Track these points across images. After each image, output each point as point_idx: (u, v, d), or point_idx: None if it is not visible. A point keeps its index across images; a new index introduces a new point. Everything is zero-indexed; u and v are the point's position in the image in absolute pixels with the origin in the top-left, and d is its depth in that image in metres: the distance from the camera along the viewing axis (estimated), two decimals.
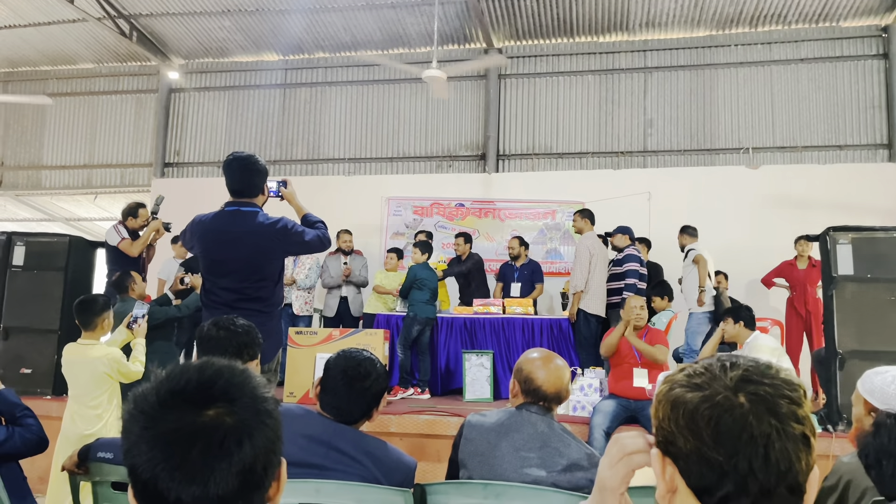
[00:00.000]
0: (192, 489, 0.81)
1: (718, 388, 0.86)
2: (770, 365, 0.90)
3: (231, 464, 0.83)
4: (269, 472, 0.89)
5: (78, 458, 2.11)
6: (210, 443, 0.82)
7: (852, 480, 2.03)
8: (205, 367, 0.90)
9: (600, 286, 6.39)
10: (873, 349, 4.66)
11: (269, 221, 3.22)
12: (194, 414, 0.84)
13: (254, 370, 2.34)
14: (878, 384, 2.15)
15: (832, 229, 4.98)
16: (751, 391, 0.85)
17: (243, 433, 0.85)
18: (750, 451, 0.82)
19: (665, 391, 0.91)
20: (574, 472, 2.09)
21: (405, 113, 10.10)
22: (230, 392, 0.87)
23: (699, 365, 0.92)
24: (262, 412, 0.89)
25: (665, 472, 0.90)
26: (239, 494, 0.84)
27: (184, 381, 0.87)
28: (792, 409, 0.85)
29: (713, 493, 0.84)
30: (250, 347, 2.40)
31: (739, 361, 0.90)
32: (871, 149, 8.77)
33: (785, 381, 0.87)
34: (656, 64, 9.45)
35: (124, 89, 11.19)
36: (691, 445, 0.85)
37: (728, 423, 0.83)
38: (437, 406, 5.56)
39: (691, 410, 0.86)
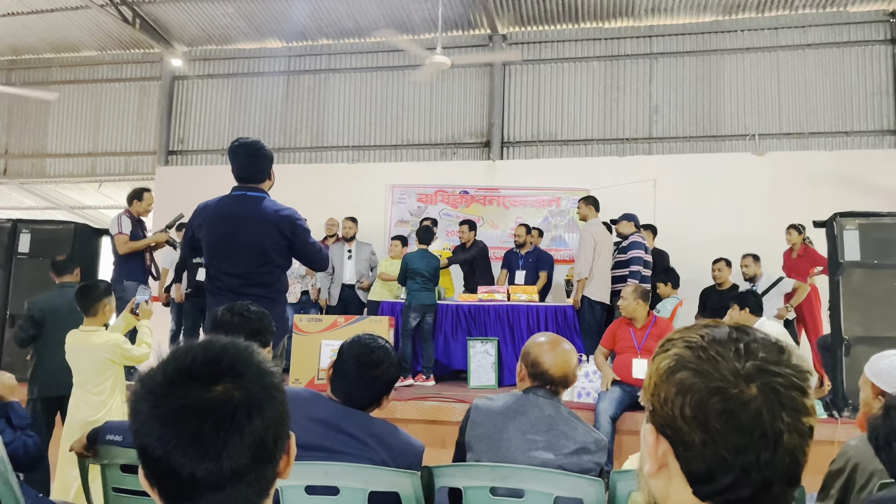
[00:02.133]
0: (206, 464, 0.82)
1: (731, 378, 0.80)
2: (782, 348, 0.85)
3: (243, 437, 0.83)
4: (280, 444, 0.90)
5: (87, 440, 2.12)
6: (221, 417, 0.83)
7: (859, 464, 2.03)
8: (209, 345, 0.90)
9: (605, 273, 6.38)
10: (879, 335, 4.65)
11: (276, 207, 3.22)
12: (203, 390, 0.84)
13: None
14: (885, 367, 2.16)
15: (839, 215, 4.96)
16: (765, 382, 0.80)
17: (252, 406, 0.85)
18: (760, 447, 0.79)
19: (667, 368, 0.85)
20: (581, 456, 2.10)
21: (409, 100, 10.07)
22: (236, 367, 0.88)
23: (707, 339, 0.85)
24: (270, 385, 0.89)
25: (658, 449, 0.86)
26: (252, 467, 0.85)
27: (190, 359, 0.87)
28: (802, 402, 0.81)
29: (711, 482, 0.81)
30: (263, 334, 2.41)
31: (753, 346, 0.84)
32: (878, 135, 8.71)
33: (797, 370, 0.83)
34: (661, 50, 9.39)
35: (128, 77, 11.17)
36: (697, 436, 0.81)
37: (741, 419, 0.79)
38: (441, 392, 5.58)
39: (700, 400, 0.80)
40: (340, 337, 5.60)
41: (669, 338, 0.90)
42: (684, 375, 0.83)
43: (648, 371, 0.90)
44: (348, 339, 2.15)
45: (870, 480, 1.98)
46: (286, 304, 3.48)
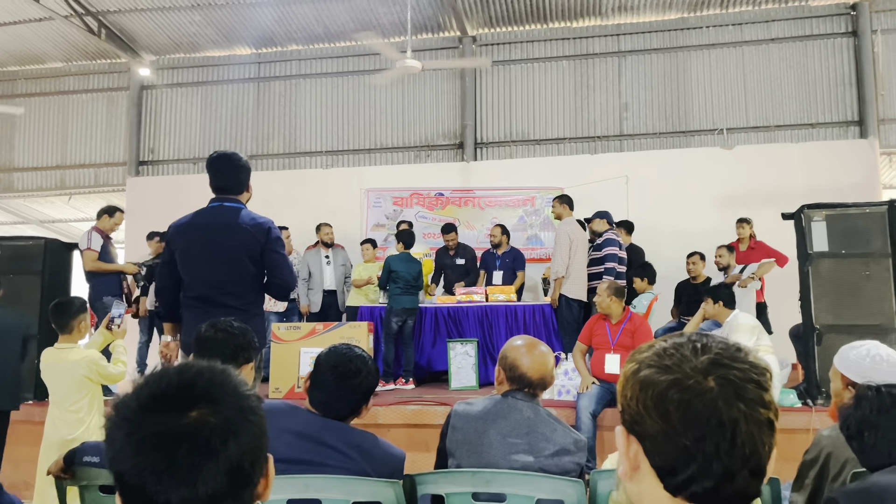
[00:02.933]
0: (181, 491, 0.82)
1: (688, 371, 0.85)
2: (739, 347, 0.90)
3: (218, 462, 0.83)
4: (257, 468, 0.89)
5: (64, 462, 2.09)
6: (196, 443, 0.82)
7: (832, 453, 2.07)
8: (184, 370, 0.90)
9: (581, 271, 6.43)
10: (849, 323, 4.75)
11: (253, 218, 3.20)
12: (177, 416, 0.84)
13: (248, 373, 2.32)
14: (853, 358, 2.21)
15: (806, 207, 5.05)
16: (720, 375, 0.85)
17: (228, 432, 0.85)
18: (717, 435, 0.82)
19: (633, 370, 0.91)
20: (561, 457, 2.12)
21: (381, 103, 10.06)
22: (212, 392, 0.87)
23: (669, 343, 0.91)
24: (246, 409, 0.89)
25: (629, 450, 0.90)
26: (228, 492, 0.85)
27: (164, 385, 0.87)
28: (759, 394, 0.85)
29: (677, 474, 0.85)
30: (246, 350, 2.40)
31: (710, 343, 0.89)
32: (842, 126, 8.89)
33: (753, 365, 0.87)
34: (630, 48, 9.49)
35: (95, 88, 11.02)
36: (659, 427, 0.85)
37: (697, 408, 0.83)
38: (423, 396, 5.58)
39: (660, 393, 0.85)
40: (319, 344, 5.59)
41: (640, 347, 0.95)
42: (647, 373, 0.88)
43: (622, 377, 0.94)
44: (324, 349, 2.14)
45: (843, 469, 2.02)
46: (263, 315, 3.46)
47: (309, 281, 7.60)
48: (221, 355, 2.26)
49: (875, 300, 4.80)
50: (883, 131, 8.77)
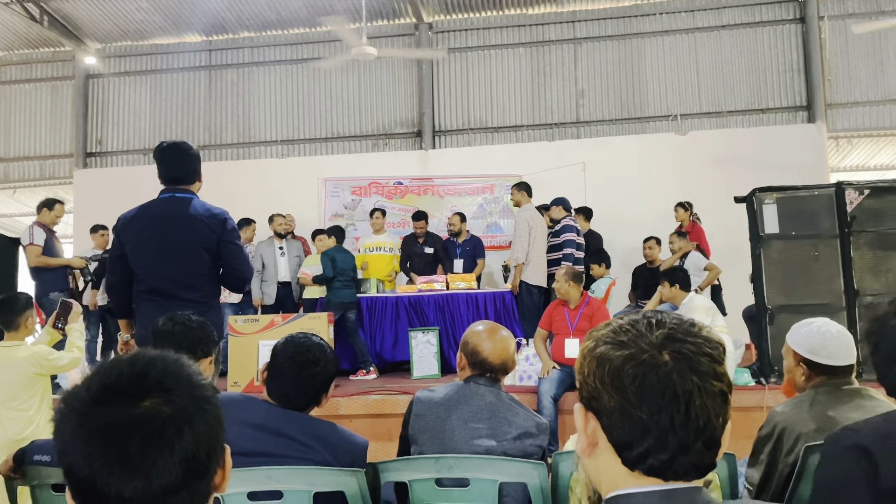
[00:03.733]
0: (135, 483, 0.79)
1: (643, 346, 0.87)
2: (693, 323, 0.91)
3: (173, 453, 0.80)
4: (214, 458, 0.87)
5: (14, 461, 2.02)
6: (149, 434, 0.80)
7: (786, 428, 2.12)
8: (136, 360, 0.87)
9: (541, 257, 6.47)
10: (800, 302, 4.88)
11: (206, 207, 3.13)
12: (129, 406, 0.81)
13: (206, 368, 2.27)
14: (804, 335, 2.26)
15: (758, 190, 5.16)
16: (675, 349, 0.86)
17: (182, 421, 0.82)
18: (672, 408, 0.84)
19: (590, 348, 0.92)
20: (524, 440, 2.13)
21: (338, 92, 9.93)
22: (165, 381, 0.84)
23: (625, 321, 0.92)
24: (200, 399, 0.86)
25: (587, 427, 0.91)
26: (183, 484, 0.82)
27: (115, 375, 0.84)
28: (712, 367, 0.87)
29: (633, 448, 0.86)
30: (205, 344, 2.35)
31: (664, 319, 0.91)
32: (791, 111, 9.11)
33: (706, 339, 0.89)
34: (585, 35, 9.55)
35: (38, 77, 10.62)
36: (615, 402, 0.86)
37: (652, 382, 0.85)
38: (385, 385, 5.56)
39: (616, 368, 0.87)
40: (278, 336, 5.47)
41: (597, 326, 0.96)
42: (603, 349, 0.90)
43: (579, 356, 0.95)
44: (281, 339, 2.11)
45: (796, 444, 2.07)
46: (220, 308, 3.38)
47: (263, 272, 7.46)
48: (179, 349, 2.21)
49: (824, 280, 4.95)
50: (830, 116, 9.03)
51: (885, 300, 1.79)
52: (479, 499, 1.92)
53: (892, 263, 4.89)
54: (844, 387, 2.18)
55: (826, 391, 2.16)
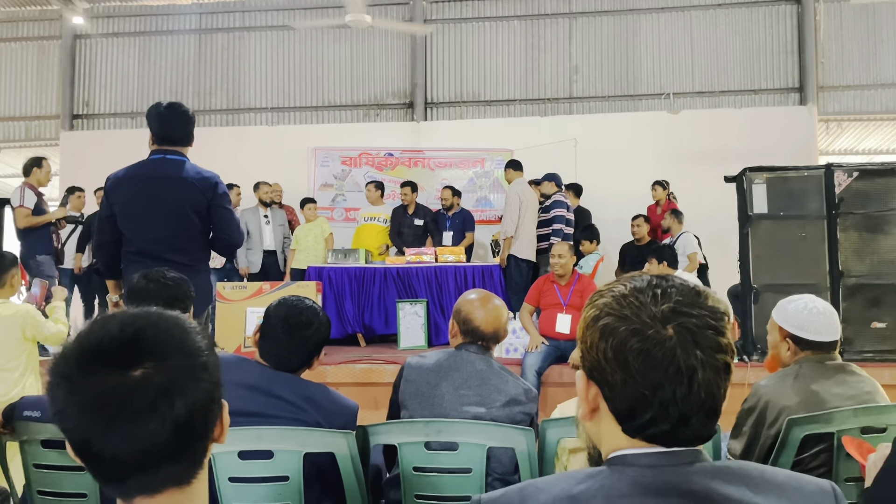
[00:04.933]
0: (127, 447, 0.79)
1: (647, 321, 0.87)
2: (699, 291, 0.91)
3: (164, 421, 0.79)
4: (210, 420, 0.87)
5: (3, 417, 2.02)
6: (139, 405, 0.79)
7: (770, 401, 2.16)
8: (126, 323, 0.84)
9: (530, 232, 6.49)
10: (785, 282, 4.92)
11: (197, 170, 3.10)
12: (118, 376, 0.79)
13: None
14: (791, 311, 2.29)
15: (748, 170, 5.18)
16: (679, 323, 0.86)
17: (174, 391, 0.81)
18: (675, 382, 0.85)
19: (593, 316, 0.91)
20: (512, 407, 2.15)
21: (330, 60, 9.81)
22: (157, 349, 0.82)
23: (629, 290, 0.91)
24: (196, 367, 0.84)
25: (588, 393, 0.92)
26: (179, 447, 0.82)
27: (106, 341, 0.81)
28: (716, 340, 0.87)
29: (634, 418, 0.87)
30: (181, 301, 2.34)
31: (669, 290, 0.90)
32: (783, 92, 9.12)
33: (711, 311, 0.89)
34: (581, 9, 9.47)
35: (24, 36, 10.40)
36: (618, 376, 0.87)
37: (656, 357, 0.85)
38: (372, 355, 5.59)
39: (620, 342, 0.87)
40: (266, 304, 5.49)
41: (599, 291, 0.96)
42: (607, 321, 0.89)
43: (581, 322, 0.95)
44: (274, 301, 2.11)
45: (779, 417, 2.11)
46: (209, 272, 3.37)
47: (247, 240, 7.41)
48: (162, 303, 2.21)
49: (810, 260, 4.99)
50: (822, 99, 9.05)
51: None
52: (468, 462, 1.95)
53: (877, 245, 4.94)
54: (828, 362, 2.21)
55: (810, 366, 2.20)
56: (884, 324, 4.82)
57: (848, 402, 2.10)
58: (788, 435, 2.04)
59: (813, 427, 2.05)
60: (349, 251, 6.99)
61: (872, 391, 2.19)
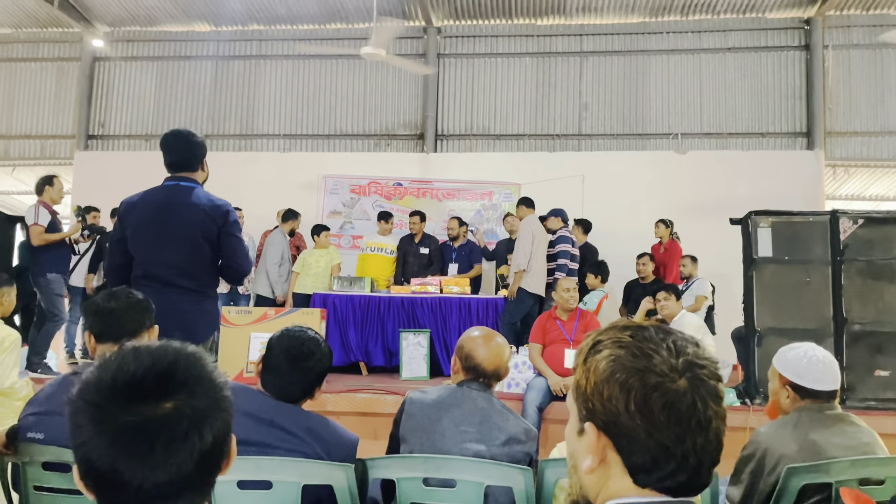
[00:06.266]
0: (157, 475, 0.82)
1: (667, 372, 0.88)
2: (697, 343, 0.94)
3: (193, 451, 0.84)
4: (226, 451, 0.91)
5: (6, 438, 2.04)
6: (173, 435, 0.83)
7: (769, 449, 2.16)
8: (160, 357, 0.88)
9: (541, 267, 6.50)
10: (789, 326, 4.92)
11: (209, 197, 3.14)
12: (154, 407, 0.83)
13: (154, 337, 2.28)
14: (791, 359, 2.30)
15: (753, 213, 5.21)
16: (695, 375, 0.89)
17: (204, 422, 0.85)
18: (696, 433, 0.87)
19: (608, 370, 0.90)
20: (512, 446, 2.16)
21: (343, 89, 9.96)
22: (189, 382, 0.87)
23: (639, 339, 0.92)
24: (221, 399, 0.89)
25: (598, 445, 0.91)
26: (200, 477, 0.86)
27: (140, 373, 0.85)
28: (720, 389, 0.91)
29: (653, 471, 0.88)
30: (150, 314, 2.33)
31: (680, 344, 0.92)
32: (790, 137, 9.19)
33: (712, 362, 0.92)
34: (591, 48, 9.61)
35: (45, 57, 10.61)
36: (641, 429, 0.87)
37: (680, 410, 0.87)
38: (373, 384, 5.58)
39: (644, 396, 0.87)
40: (270, 329, 5.51)
41: (597, 339, 0.96)
42: (625, 374, 0.90)
43: (582, 373, 0.95)
44: (276, 332, 2.13)
45: (777, 465, 2.11)
46: (216, 298, 3.40)
47: (284, 267, 7.44)
48: (129, 323, 2.24)
49: (814, 305, 4.99)
50: (829, 144, 9.11)
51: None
52: (465, 500, 1.95)
53: (882, 293, 4.94)
54: (828, 411, 2.22)
55: (809, 415, 2.20)
56: (887, 372, 4.81)
57: (847, 453, 2.10)
58: (787, 484, 2.04)
59: (811, 476, 2.04)
60: (354, 279, 7.02)
61: (871, 442, 2.19)
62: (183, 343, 0.93)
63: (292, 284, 7.42)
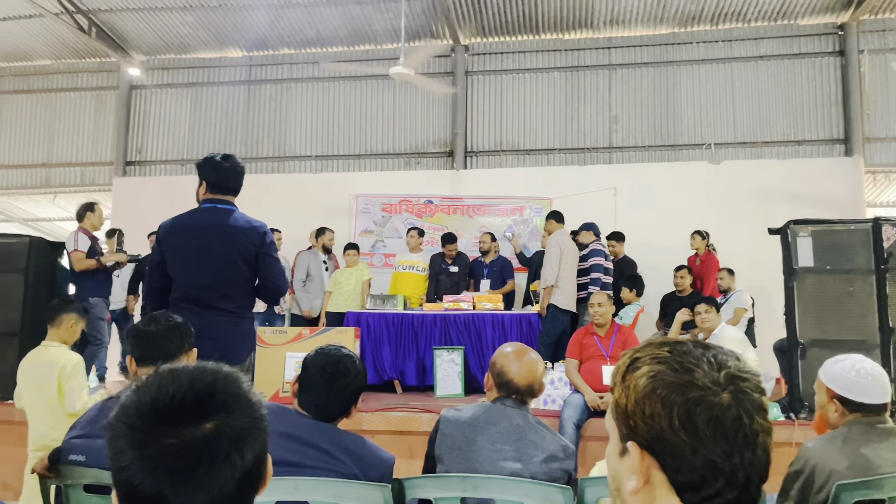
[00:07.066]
0: (199, 497, 0.82)
1: (710, 386, 0.86)
2: (738, 356, 0.92)
3: (234, 472, 0.84)
4: (263, 470, 0.91)
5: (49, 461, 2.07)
6: (216, 456, 0.83)
7: (818, 465, 2.09)
8: (198, 378, 0.88)
9: (570, 282, 6.46)
10: (833, 338, 4.79)
11: (248, 221, 3.19)
12: (194, 428, 0.83)
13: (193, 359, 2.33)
14: (838, 371, 2.23)
15: (792, 223, 5.10)
16: (737, 388, 0.87)
17: (244, 442, 0.86)
18: (743, 447, 0.85)
19: (649, 386, 0.88)
20: (550, 464, 2.12)
21: (372, 109, 10.06)
22: (228, 402, 0.87)
23: (678, 354, 0.90)
24: (259, 418, 0.90)
25: (642, 465, 0.89)
26: (241, 494, 0.87)
27: (180, 394, 0.85)
28: (765, 402, 0.88)
29: (702, 489, 0.86)
30: (189, 336, 2.40)
31: (721, 357, 0.90)
32: (828, 144, 9.00)
33: (754, 374, 0.89)
34: (621, 61, 9.57)
35: (83, 86, 10.93)
36: (687, 446, 0.85)
37: (726, 424, 0.85)
38: (408, 402, 5.57)
39: (687, 411, 0.85)
40: (305, 349, 5.54)
41: (634, 356, 0.94)
42: (666, 390, 0.87)
43: (622, 391, 0.92)
44: (311, 351, 2.14)
45: (828, 481, 2.04)
46: (253, 318, 3.44)
47: (309, 284, 7.51)
48: (167, 347, 2.30)
49: (858, 316, 4.86)
50: (868, 150, 8.89)
51: None
52: None
53: None
54: (878, 425, 2.15)
55: (859, 429, 2.13)
56: None
57: None
58: (837, 501, 1.97)
59: (863, 493, 1.97)
60: (387, 297, 7.04)
61: None
62: (218, 364, 0.93)
63: (325, 303, 7.46)
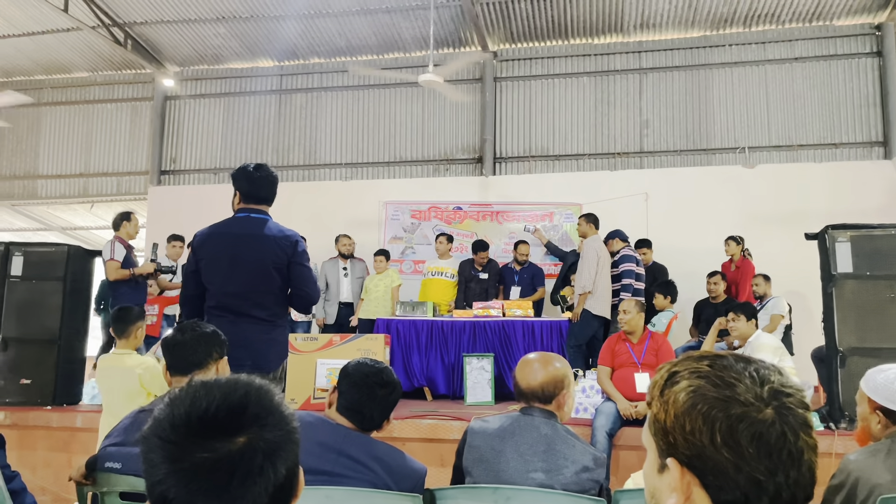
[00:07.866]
0: None
1: (753, 401, 0.84)
2: (780, 370, 0.89)
3: (267, 485, 0.84)
4: (297, 483, 0.92)
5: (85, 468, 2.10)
6: (249, 470, 0.83)
7: (860, 478, 2.03)
8: (230, 391, 0.88)
9: (606, 288, 6.41)
10: (874, 346, 4.67)
11: (281, 230, 3.22)
12: (228, 443, 0.83)
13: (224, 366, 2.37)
14: (881, 382, 2.17)
15: (830, 227, 4.99)
16: (781, 404, 0.84)
17: (277, 455, 0.86)
18: (788, 465, 0.82)
19: (689, 402, 0.86)
20: (580, 475, 2.09)
21: (401, 117, 10.11)
22: (260, 415, 0.87)
23: (719, 368, 0.88)
24: (291, 431, 0.90)
25: (683, 482, 0.86)
26: None
27: (213, 408, 0.85)
28: (810, 418, 0.86)
29: None
30: (218, 345, 2.42)
31: (763, 372, 0.88)
32: (866, 146, 8.79)
33: (797, 389, 0.87)
34: (651, 65, 9.47)
35: (119, 97, 11.18)
36: (730, 463, 0.83)
37: (769, 442, 0.82)
38: (439, 410, 5.56)
39: (729, 427, 0.83)
40: (336, 356, 5.59)
41: (672, 370, 0.91)
42: (707, 405, 0.85)
43: (660, 406, 0.90)
44: (352, 362, 2.15)
45: (870, 495, 1.98)
46: (286, 327, 3.46)
47: (326, 292, 7.61)
48: (196, 355, 2.34)
49: None
50: None
51: None
52: None
53: None
54: None
55: None
56: None
57: None
58: None
59: None
60: (417, 304, 7.05)
61: None
62: (250, 376, 0.93)
63: (357, 310, 7.52)
